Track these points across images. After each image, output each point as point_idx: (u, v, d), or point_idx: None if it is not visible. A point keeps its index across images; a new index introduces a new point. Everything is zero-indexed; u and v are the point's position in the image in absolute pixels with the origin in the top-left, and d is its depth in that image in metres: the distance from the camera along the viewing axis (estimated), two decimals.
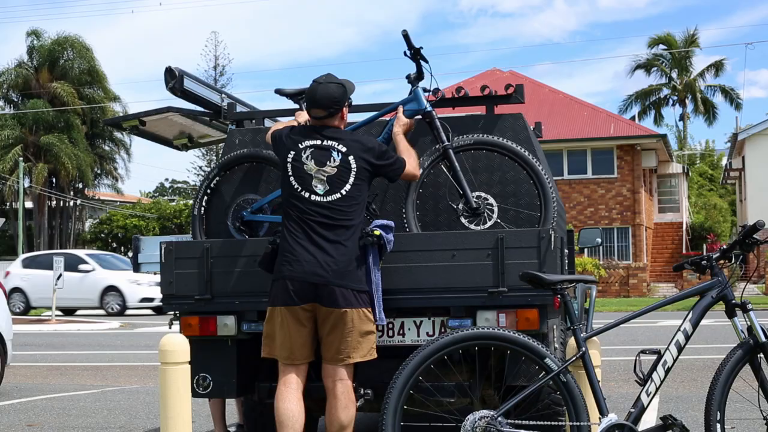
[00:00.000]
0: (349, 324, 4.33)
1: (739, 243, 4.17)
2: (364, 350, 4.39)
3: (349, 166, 4.41)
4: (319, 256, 4.31)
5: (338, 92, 4.50)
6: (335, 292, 4.30)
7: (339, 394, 4.36)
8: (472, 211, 4.71)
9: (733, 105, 53.47)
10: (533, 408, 4.28)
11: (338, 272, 4.30)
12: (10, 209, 51.46)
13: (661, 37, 52.56)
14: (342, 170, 4.40)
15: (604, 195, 32.42)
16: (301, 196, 4.40)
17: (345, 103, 4.54)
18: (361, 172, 4.42)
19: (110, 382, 10.34)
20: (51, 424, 7.27)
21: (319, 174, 4.40)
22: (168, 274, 4.90)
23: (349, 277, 4.33)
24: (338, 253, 4.33)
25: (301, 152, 4.45)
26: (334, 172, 4.40)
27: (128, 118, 6.13)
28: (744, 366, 4.06)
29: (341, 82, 4.54)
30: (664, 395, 7.84)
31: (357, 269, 4.37)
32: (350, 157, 4.42)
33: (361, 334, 4.36)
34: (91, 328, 20.13)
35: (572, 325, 4.02)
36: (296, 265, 4.32)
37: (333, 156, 4.42)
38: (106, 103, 50.16)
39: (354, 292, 4.33)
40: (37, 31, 51.92)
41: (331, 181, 4.39)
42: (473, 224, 4.78)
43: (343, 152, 4.42)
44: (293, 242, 4.37)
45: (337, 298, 4.30)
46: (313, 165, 4.42)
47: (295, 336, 4.39)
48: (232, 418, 7.33)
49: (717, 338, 12.58)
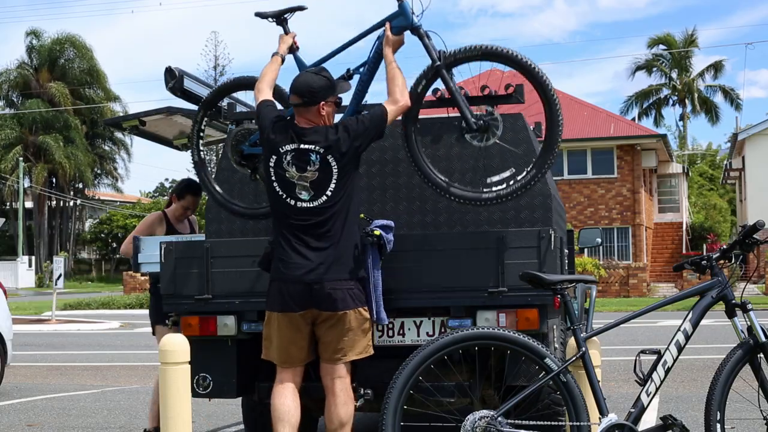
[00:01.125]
0: (347, 325, 4.33)
1: (739, 243, 4.17)
2: (360, 347, 4.40)
3: (329, 167, 4.30)
4: (311, 257, 4.29)
5: (317, 83, 4.36)
6: (331, 295, 4.27)
7: (338, 391, 4.36)
8: (476, 130, 4.45)
9: (733, 105, 53.51)
10: (533, 408, 4.28)
11: (328, 266, 4.28)
12: (10, 209, 51.47)
13: (660, 37, 52.58)
14: (323, 173, 4.30)
15: (604, 195, 32.40)
16: (287, 204, 4.34)
17: (325, 97, 4.36)
18: (344, 167, 4.31)
19: (110, 382, 10.34)
20: (51, 424, 7.27)
21: (301, 181, 4.31)
22: (168, 274, 4.90)
23: (338, 268, 4.29)
24: (329, 251, 4.31)
25: (282, 158, 4.34)
26: (316, 176, 4.30)
27: (128, 118, 6.13)
28: (744, 366, 4.06)
29: (327, 77, 4.41)
30: (664, 395, 7.84)
31: (348, 259, 4.32)
32: (329, 157, 4.30)
33: (357, 332, 4.36)
34: (91, 328, 20.13)
35: (572, 325, 4.02)
36: (289, 270, 4.31)
37: (312, 159, 4.31)
38: (106, 103, 50.17)
39: (349, 290, 4.31)
40: (37, 31, 51.94)
41: (314, 186, 4.30)
42: (479, 141, 4.53)
43: (321, 153, 4.30)
44: (286, 246, 4.35)
45: (335, 301, 4.28)
46: (294, 172, 4.32)
47: (292, 341, 4.38)
48: (232, 418, 7.34)
49: (717, 338, 12.57)
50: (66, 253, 45.44)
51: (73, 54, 51.00)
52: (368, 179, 5.05)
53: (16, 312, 18.27)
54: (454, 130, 4.91)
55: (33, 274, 47.67)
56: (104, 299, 28.99)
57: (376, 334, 4.70)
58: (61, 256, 23.96)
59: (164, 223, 6.19)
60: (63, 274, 21.00)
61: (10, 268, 46.20)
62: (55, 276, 20.86)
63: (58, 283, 20.80)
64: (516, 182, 4.49)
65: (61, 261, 21.35)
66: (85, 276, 52.96)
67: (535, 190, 4.84)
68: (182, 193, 6.27)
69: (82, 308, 27.07)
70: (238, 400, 5.81)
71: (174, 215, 6.27)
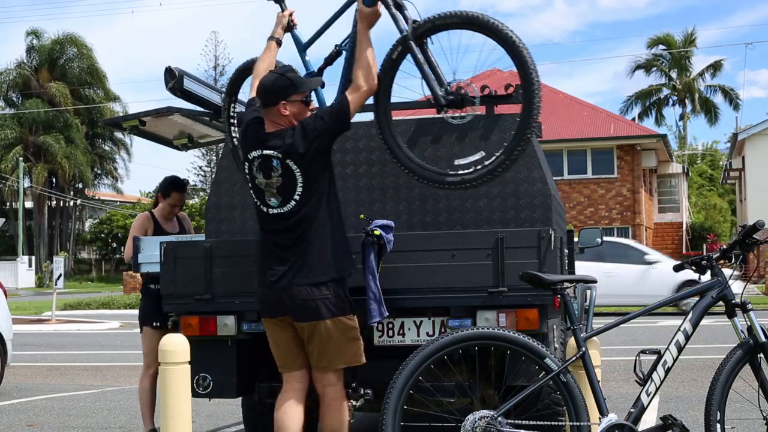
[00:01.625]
0: (324, 334, 4.19)
1: (739, 243, 4.17)
2: (348, 356, 4.27)
3: (291, 172, 4.15)
4: (282, 263, 4.20)
5: (275, 84, 4.17)
6: (302, 304, 4.15)
7: (328, 400, 4.29)
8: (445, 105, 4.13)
9: (733, 105, 53.53)
10: (533, 408, 4.27)
11: (296, 272, 4.16)
12: (10, 209, 51.47)
13: (660, 37, 52.60)
14: (286, 178, 4.16)
15: (604, 195, 32.39)
16: (261, 210, 4.28)
17: (286, 96, 4.16)
18: (307, 170, 4.14)
19: (110, 382, 10.34)
20: (51, 424, 7.27)
21: (269, 188, 4.20)
22: (168, 274, 4.90)
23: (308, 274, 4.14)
24: (298, 257, 4.18)
25: (251, 164, 4.24)
26: (280, 182, 4.17)
27: (128, 118, 6.12)
28: (744, 366, 4.05)
29: (288, 75, 4.19)
30: (664, 395, 7.84)
31: (322, 265, 4.16)
32: (288, 161, 4.15)
33: (341, 341, 4.22)
34: (91, 328, 20.12)
35: (572, 325, 4.02)
36: (265, 276, 4.27)
37: (274, 165, 4.17)
38: (106, 103, 50.18)
39: (323, 299, 4.14)
40: (37, 31, 51.96)
41: (281, 192, 4.18)
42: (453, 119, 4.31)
43: (280, 158, 4.15)
44: (264, 251, 4.31)
45: (306, 311, 4.16)
46: (262, 179, 4.20)
47: (283, 344, 4.34)
48: (232, 418, 7.34)
49: (717, 338, 12.57)
50: (66, 253, 45.43)
51: (73, 54, 51.01)
52: (368, 179, 5.05)
53: (16, 312, 18.26)
54: (454, 129, 4.91)
55: (33, 274, 47.68)
56: (104, 299, 28.98)
57: (376, 334, 4.70)
58: (61, 256, 23.94)
59: (152, 223, 6.19)
60: (63, 274, 20.99)
61: (10, 268, 46.20)
62: (55, 276, 20.85)
63: (58, 283, 20.80)
64: (483, 167, 4.22)
65: (61, 261, 21.34)
66: (85, 276, 52.96)
67: (535, 190, 4.84)
68: (167, 191, 6.26)
69: (82, 308, 27.06)
70: (238, 400, 5.81)
71: (162, 214, 6.26)
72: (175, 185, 6.26)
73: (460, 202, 4.91)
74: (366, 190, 5.02)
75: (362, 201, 5.02)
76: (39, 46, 50.77)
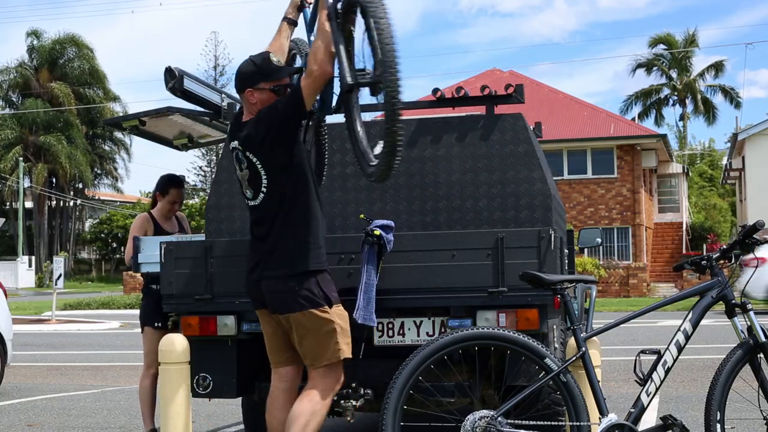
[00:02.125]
0: (300, 329, 4.12)
1: (739, 243, 4.17)
2: (328, 353, 4.13)
3: (253, 163, 4.11)
4: (256, 254, 4.21)
5: (242, 70, 4.10)
6: (273, 296, 4.13)
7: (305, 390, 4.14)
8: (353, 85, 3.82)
9: (733, 105, 53.55)
10: (533, 408, 4.27)
11: (266, 264, 4.14)
12: (10, 209, 51.49)
13: (661, 37, 52.63)
14: (251, 170, 4.13)
15: (604, 195, 32.40)
16: (245, 202, 4.32)
17: (253, 83, 4.07)
18: (268, 161, 4.08)
19: (110, 382, 10.34)
20: (51, 424, 7.27)
21: (243, 180, 4.20)
22: (168, 274, 4.90)
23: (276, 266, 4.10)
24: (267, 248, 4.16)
25: (232, 156, 4.25)
26: (248, 174, 4.15)
27: (128, 118, 6.12)
28: (744, 366, 4.06)
29: (257, 62, 4.08)
30: (664, 395, 7.84)
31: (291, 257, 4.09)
32: (248, 154, 4.11)
33: (319, 335, 4.11)
34: (91, 328, 20.13)
35: (572, 325, 4.02)
36: (248, 267, 4.28)
37: (239, 157, 4.16)
38: (106, 103, 50.20)
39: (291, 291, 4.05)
40: (37, 31, 51.95)
41: (251, 184, 4.16)
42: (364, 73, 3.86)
43: (242, 150, 4.13)
44: (249, 244, 4.34)
45: (276, 302, 4.13)
46: (239, 170, 4.21)
47: (268, 336, 4.34)
48: (232, 418, 7.34)
49: (717, 338, 12.57)
50: (66, 253, 45.46)
51: (74, 54, 51.04)
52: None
53: (16, 312, 18.26)
54: (454, 129, 4.92)
55: (33, 274, 47.70)
56: (104, 299, 29.00)
57: (376, 334, 4.70)
58: (61, 256, 23.95)
59: (152, 224, 6.18)
60: (63, 274, 21.00)
61: (10, 268, 46.22)
62: (55, 276, 20.86)
63: (58, 283, 20.81)
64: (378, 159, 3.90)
65: (61, 261, 21.35)
66: (85, 276, 52.99)
67: (535, 190, 4.84)
68: (165, 188, 6.24)
69: (82, 308, 27.08)
70: (238, 400, 5.81)
71: (161, 214, 6.24)
72: (172, 182, 6.25)
73: (460, 202, 4.91)
74: (366, 190, 5.02)
75: (362, 201, 5.01)
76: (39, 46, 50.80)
